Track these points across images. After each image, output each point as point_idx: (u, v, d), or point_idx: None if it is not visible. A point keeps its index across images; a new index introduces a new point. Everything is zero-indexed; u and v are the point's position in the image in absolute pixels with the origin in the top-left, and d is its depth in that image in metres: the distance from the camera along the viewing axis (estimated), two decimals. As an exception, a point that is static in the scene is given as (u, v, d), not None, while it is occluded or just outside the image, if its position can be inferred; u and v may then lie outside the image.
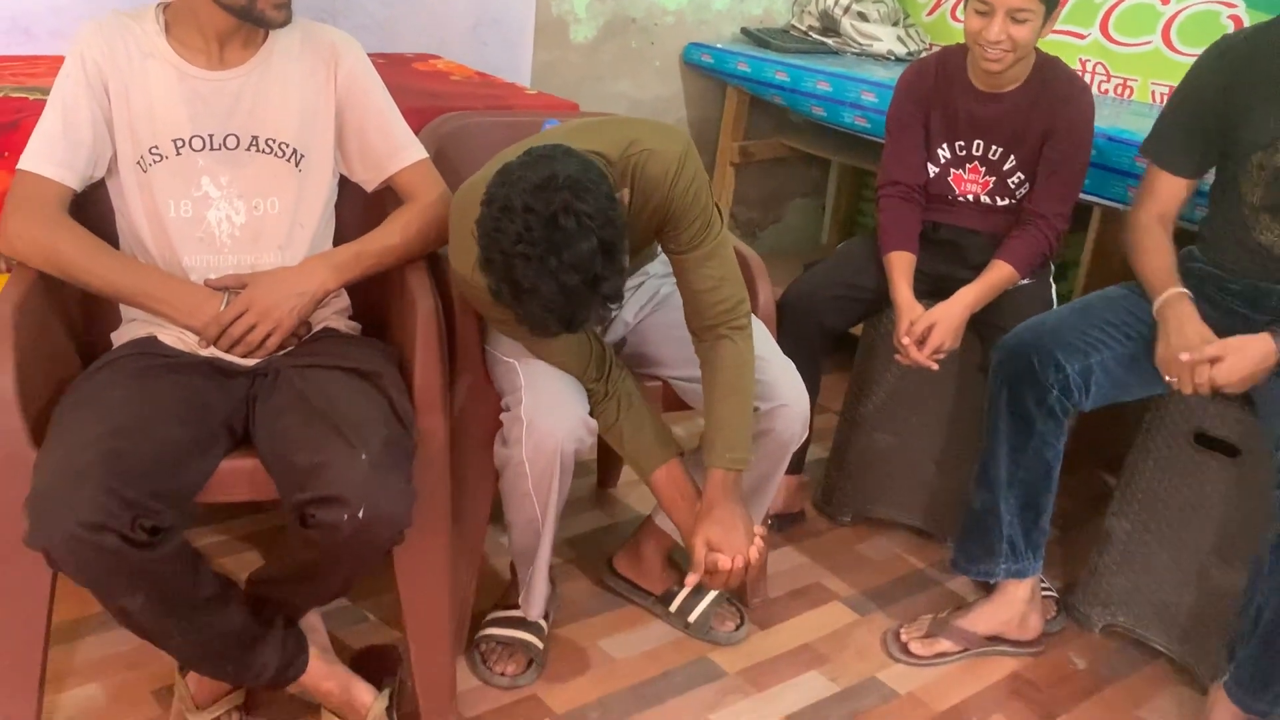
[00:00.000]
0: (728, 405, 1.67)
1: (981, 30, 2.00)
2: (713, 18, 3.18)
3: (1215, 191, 1.98)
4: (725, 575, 1.62)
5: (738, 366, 1.68)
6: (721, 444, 1.66)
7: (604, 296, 1.37)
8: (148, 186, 1.61)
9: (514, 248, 1.32)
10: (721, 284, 1.65)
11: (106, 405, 1.44)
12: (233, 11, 1.58)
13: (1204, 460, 1.92)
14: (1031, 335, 1.90)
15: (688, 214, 1.60)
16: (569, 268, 1.32)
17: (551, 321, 1.38)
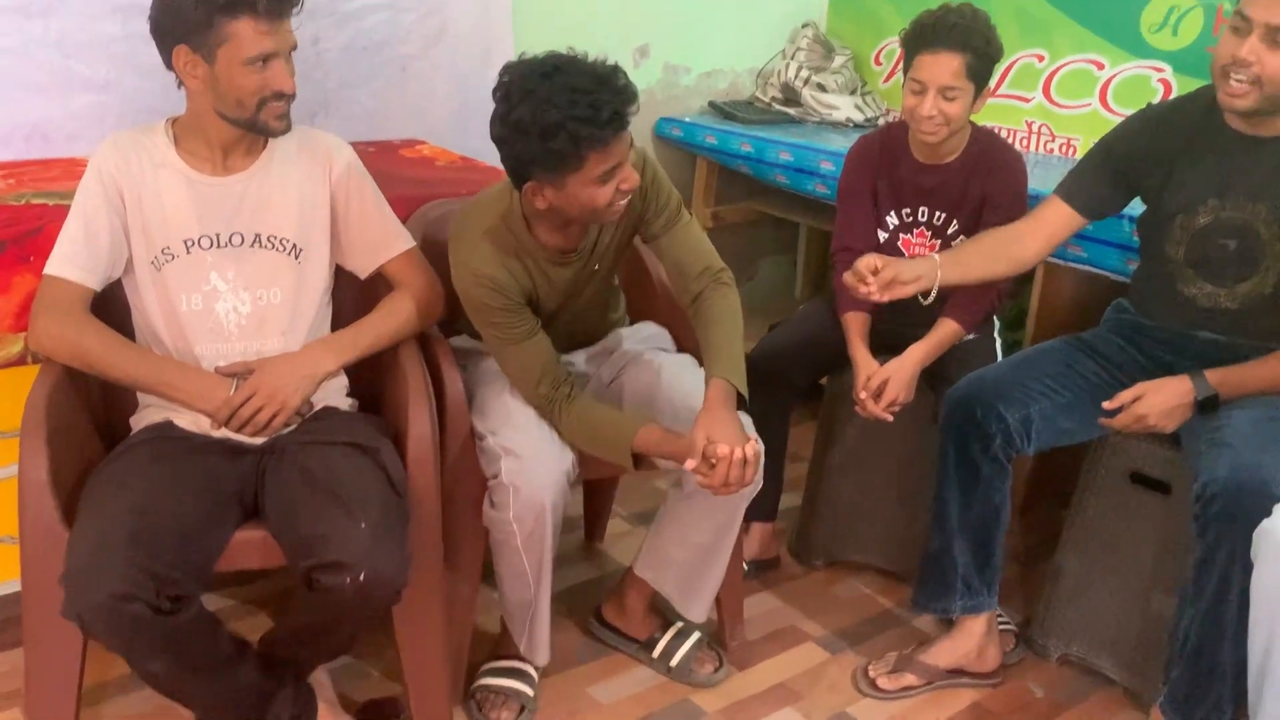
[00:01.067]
0: (723, 334, 1.88)
1: (916, 107, 2.18)
2: (681, 93, 3.38)
3: (1144, 248, 2.15)
4: (725, 469, 1.73)
5: (730, 310, 1.91)
6: (720, 363, 1.85)
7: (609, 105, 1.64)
8: (161, 283, 1.78)
9: (530, 73, 1.67)
10: (700, 249, 1.95)
11: (130, 486, 1.60)
12: (238, 124, 1.76)
13: (1140, 497, 2.08)
14: (974, 388, 2.06)
15: (659, 197, 1.90)
16: (575, 74, 1.65)
17: (565, 126, 1.62)
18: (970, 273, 2.05)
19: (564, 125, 1.63)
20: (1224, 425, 1.85)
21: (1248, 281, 1.96)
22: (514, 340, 1.87)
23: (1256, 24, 1.76)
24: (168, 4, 1.69)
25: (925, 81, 2.15)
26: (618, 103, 1.66)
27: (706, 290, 1.92)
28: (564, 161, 1.67)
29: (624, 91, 1.68)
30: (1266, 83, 1.78)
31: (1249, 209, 1.92)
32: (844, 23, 3.52)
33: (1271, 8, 1.74)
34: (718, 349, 1.87)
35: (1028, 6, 3.04)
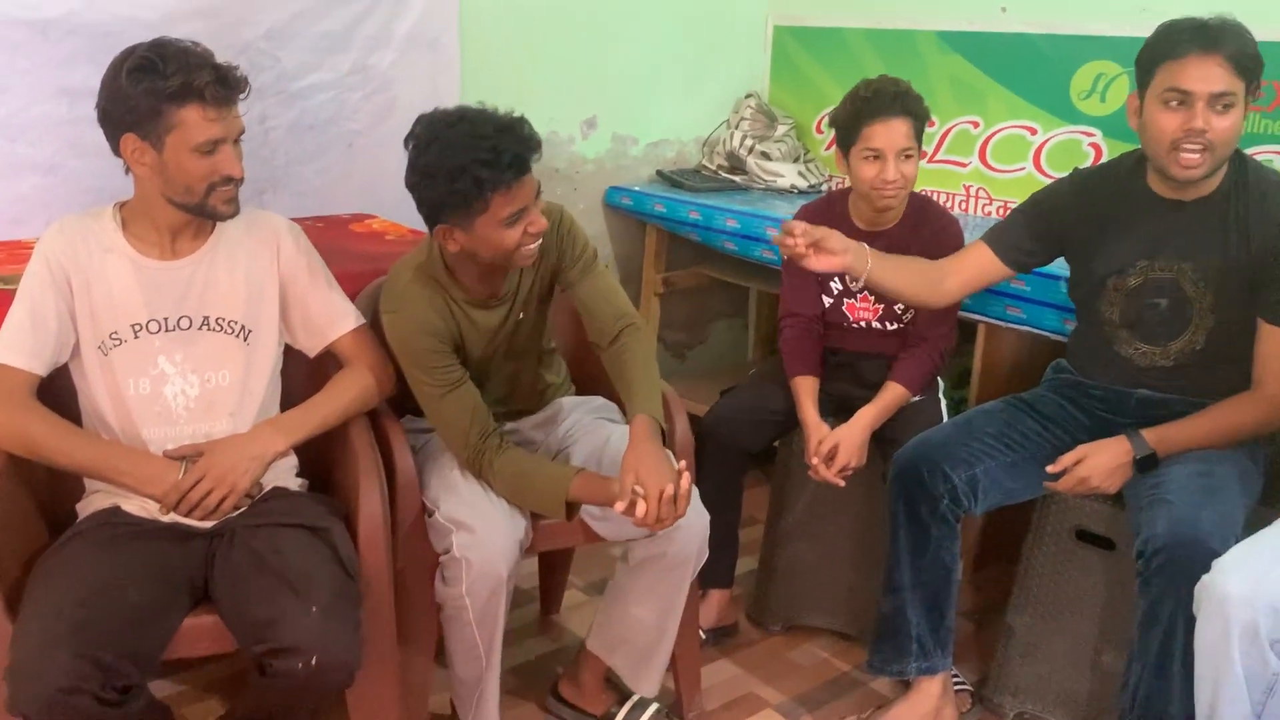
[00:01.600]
0: (640, 373, 1.94)
1: (878, 174, 2.24)
2: (630, 163, 3.43)
3: (1079, 310, 2.21)
4: (655, 506, 1.75)
5: (644, 352, 1.99)
6: (639, 399, 1.90)
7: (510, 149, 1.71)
8: (109, 368, 1.78)
9: (436, 122, 1.77)
10: (614, 297, 2.03)
11: (76, 575, 1.58)
12: (186, 209, 1.77)
13: (1086, 554, 2.11)
14: (921, 450, 2.10)
15: (574, 246, 2.00)
16: (478, 123, 1.74)
17: (469, 170, 1.70)
18: (892, 279, 2.11)
19: (467, 168, 1.71)
20: (1162, 482, 1.90)
21: (1180, 339, 2.02)
22: (446, 388, 1.89)
23: (1197, 96, 1.84)
24: (115, 92, 1.70)
25: (883, 148, 2.22)
26: (519, 147, 1.74)
27: (622, 334, 1.99)
28: (469, 203, 1.75)
29: (526, 139, 1.76)
30: (1218, 146, 1.86)
31: (1176, 269, 1.99)
32: (785, 93, 3.61)
33: (1209, 80, 1.83)
34: (636, 386, 1.93)
35: (962, 75, 3.14)
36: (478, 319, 1.95)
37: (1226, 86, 1.83)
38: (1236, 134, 1.88)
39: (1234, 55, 1.82)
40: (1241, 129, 1.89)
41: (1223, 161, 1.91)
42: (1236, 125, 1.86)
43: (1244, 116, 1.88)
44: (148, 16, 2.40)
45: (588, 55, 3.24)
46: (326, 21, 2.69)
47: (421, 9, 2.86)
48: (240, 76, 1.76)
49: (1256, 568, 1.63)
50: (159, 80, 1.66)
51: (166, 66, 1.67)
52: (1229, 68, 1.82)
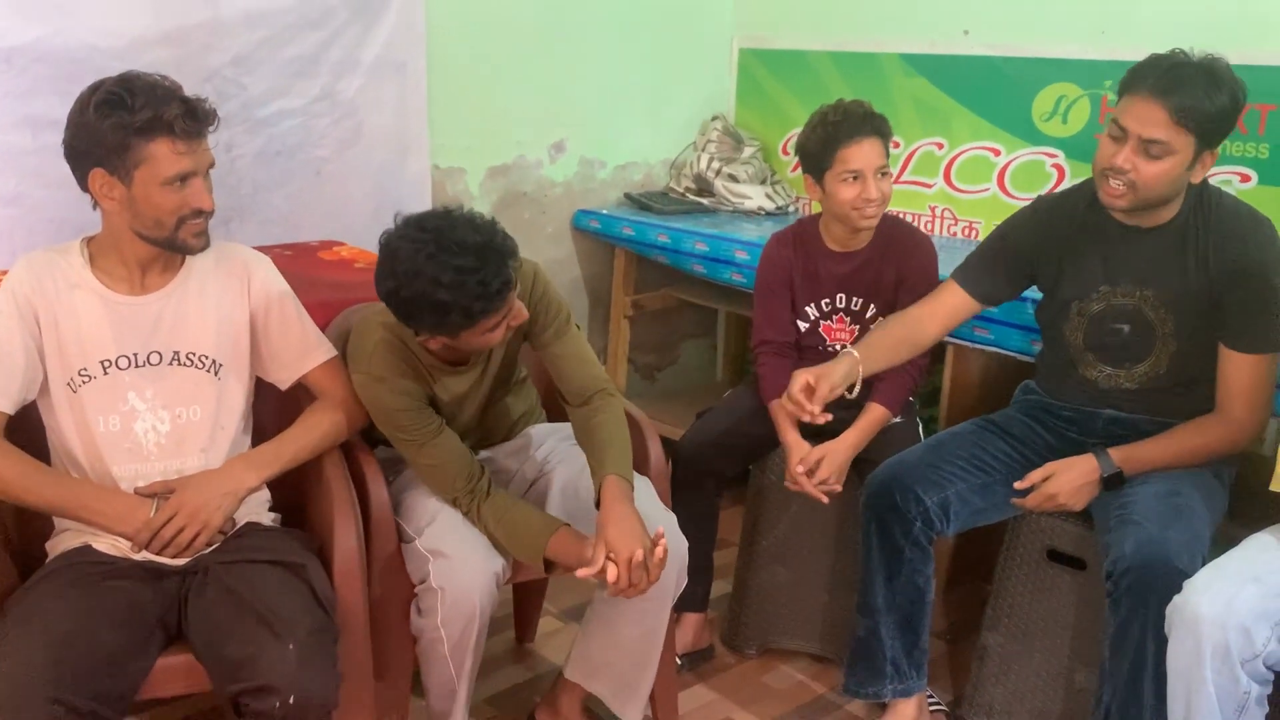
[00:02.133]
0: (609, 435, 1.93)
1: (859, 194, 2.25)
2: (598, 186, 3.44)
3: (1045, 333, 2.24)
4: (626, 573, 1.75)
5: (617, 418, 1.97)
6: (611, 460, 1.88)
7: (497, 276, 1.68)
8: (78, 404, 1.76)
9: (414, 253, 1.68)
10: (588, 359, 2.01)
11: (48, 617, 1.56)
12: (156, 243, 1.75)
13: (1057, 574, 2.14)
14: (893, 473, 2.11)
15: (547, 310, 1.96)
16: (458, 251, 1.65)
17: (457, 304, 1.67)
18: (880, 362, 2.14)
19: (456, 305, 1.69)
20: (1130, 502, 1.93)
21: (1143, 363, 2.05)
22: (423, 440, 1.89)
23: (1131, 135, 1.87)
24: (82, 127, 1.69)
25: (862, 168, 2.24)
26: (505, 273, 1.71)
27: (594, 399, 1.98)
28: (458, 328, 1.75)
29: (505, 261, 1.71)
30: (1141, 187, 1.90)
31: (1137, 295, 2.03)
32: (751, 115, 3.63)
33: (1145, 123, 1.85)
34: (608, 447, 1.91)
35: (926, 97, 3.17)
36: (448, 384, 1.95)
37: (1162, 135, 1.83)
38: (1164, 181, 1.88)
39: (1181, 108, 1.82)
40: (1174, 178, 1.88)
41: (1149, 202, 1.92)
42: (1166, 173, 1.86)
43: (1182, 168, 1.86)
44: (113, 45, 2.38)
45: (555, 79, 3.25)
46: (293, 47, 2.68)
47: (388, 34, 2.85)
48: (209, 109, 1.75)
49: (1227, 588, 1.65)
50: (126, 114, 1.65)
51: (134, 100, 1.66)
52: (1168, 117, 1.82)
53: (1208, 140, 1.86)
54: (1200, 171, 1.91)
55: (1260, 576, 1.67)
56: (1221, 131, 1.87)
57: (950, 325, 2.21)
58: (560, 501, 2.03)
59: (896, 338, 2.16)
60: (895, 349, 2.15)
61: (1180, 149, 1.85)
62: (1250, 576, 1.67)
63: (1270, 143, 2.58)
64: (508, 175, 3.21)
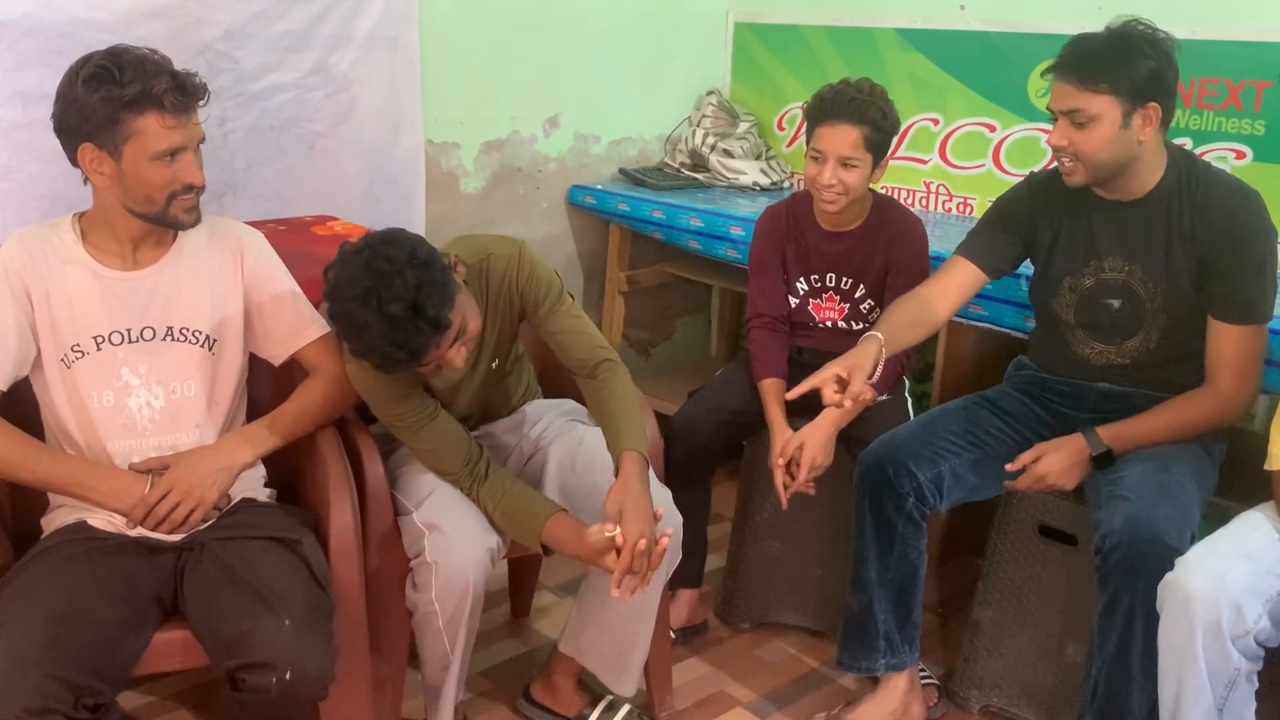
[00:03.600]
0: (624, 407, 1.92)
1: (817, 175, 2.25)
2: (592, 161, 3.43)
3: (1037, 309, 2.25)
4: (628, 556, 1.74)
5: (625, 385, 1.96)
6: (628, 435, 1.88)
7: (431, 321, 1.63)
8: (71, 381, 1.75)
9: (346, 296, 1.63)
10: (586, 330, 1.98)
11: (44, 593, 1.56)
12: (146, 218, 1.75)
13: (1049, 550, 2.15)
14: (886, 449, 2.12)
15: (535, 291, 1.93)
16: (391, 299, 1.60)
17: (393, 351, 1.64)
18: (899, 344, 2.11)
19: (379, 352, 1.67)
20: (1120, 478, 1.94)
21: (1134, 338, 2.06)
22: (420, 424, 1.89)
23: (1058, 113, 1.94)
24: (70, 102, 1.68)
25: (825, 151, 2.23)
26: (430, 333, 1.66)
27: (600, 369, 1.97)
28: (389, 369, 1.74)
29: (439, 312, 1.65)
30: (1085, 158, 1.93)
31: (1125, 269, 2.03)
32: (746, 90, 3.62)
33: (1062, 97, 1.93)
34: (623, 421, 1.91)
35: (921, 72, 3.16)
36: (446, 372, 1.93)
37: (1078, 104, 1.90)
38: (1103, 145, 1.91)
39: (1083, 74, 1.89)
40: (1111, 140, 1.91)
41: (1104, 169, 1.95)
42: (1101, 138, 1.90)
43: (1115, 129, 1.90)
44: (104, 19, 2.36)
45: (549, 54, 3.23)
46: (285, 21, 2.66)
47: (382, 7, 2.82)
48: (200, 83, 1.73)
49: (1219, 566, 1.66)
50: (115, 88, 1.64)
51: (123, 74, 1.64)
52: (1075, 86, 1.90)
53: (1133, 98, 1.89)
54: (1145, 129, 1.92)
55: (1252, 554, 1.68)
56: (1143, 87, 1.89)
57: (961, 300, 2.20)
58: (557, 476, 2.04)
59: (910, 319, 2.14)
60: (910, 330, 2.14)
61: (1102, 111, 1.89)
62: (1242, 554, 1.68)
63: (1266, 119, 2.58)
64: (502, 150, 3.20)
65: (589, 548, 1.78)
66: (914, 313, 2.17)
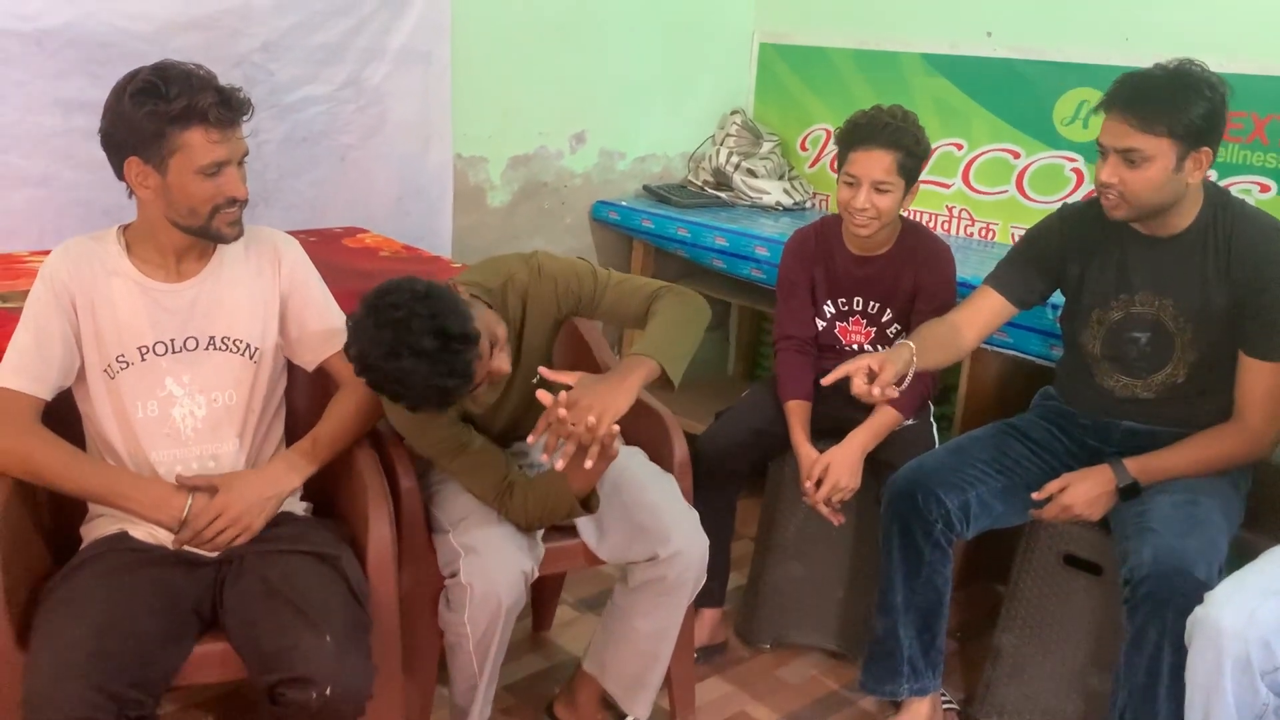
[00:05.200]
0: (659, 319, 1.90)
1: (850, 200, 2.28)
2: (617, 177, 3.46)
3: (1065, 339, 2.26)
4: (568, 424, 1.73)
5: (671, 306, 1.93)
6: (642, 339, 1.86)
7: (462, 339, 1.65)
8: (116, 391, 1.77)
9: (377, 359, 1.64)
10: (631, 287, 1.97)
11: (87, 604, 1.58)
12: (190, 231, 1.76)
13: (1074, 578, 2.16)
14: (915, 475, 2.14)
15: (569, 291, 1.95)
16: (418, 338, 1.62)
17: (443, 382, 1.65)
18: (928, 360, 2.11)
19: (448, 389, 1.68)
20: (1147, 510, 1.95)
21: (1161, 372, 2.07)
22: (459, 451, 1.91)
23: (1111, 150, 1.94)
24: (118, 116, 1.69)
25: (859, 176, 2.25)
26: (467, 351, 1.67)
27: (654, 301, 1.95)
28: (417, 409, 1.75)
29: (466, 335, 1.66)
30: (1131, 196, 1.94)
31: (1156, 304, 2.05)
32: (770, 110, 3.65)
33: (1118, 137, 1.92)
34: (647, 331, 1.89)
35: (947, 98, 3.19)
36: (479, 395, 1.93)
37: (1135, 144, 1.89)
38: (1153, 187, 1.91)
39: (1146, 115, 1.87)
40: (1162, 183, 1.91)
41: (1147, 208, 1.95)
42: (1152, 180, 1.90)
43: (1168, 172, 1.90)
44: (144, 29, 2.39)
45: (576, 70, 3.26)
46: (321, 34, 2.69)
47: (415, 22, 2.86)
48: (244, 98, 1.75)
49: (1249, 601, 1.67)
50: (162, 103, 1.66)
51: (169, 89, 1.66)
52: (1136, 126, 1.88)
53: (1189, 141, 1.89)
54: (1195, 171, 1.93)
55: (1282, 590, 1.70)
56: (1200, 131, 1.89)
57: (988, 330, 2.21)
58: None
59: (939, 341, 2.15)
60: (939, 350, 2.15)
61: (1157, 153, 1.89)
62: (1271, 590, 1.69)
63: (1291, 154, 2.60)
64: (529, 165, 3.23)
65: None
66: (943, 335, 2.18)
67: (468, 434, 1.92)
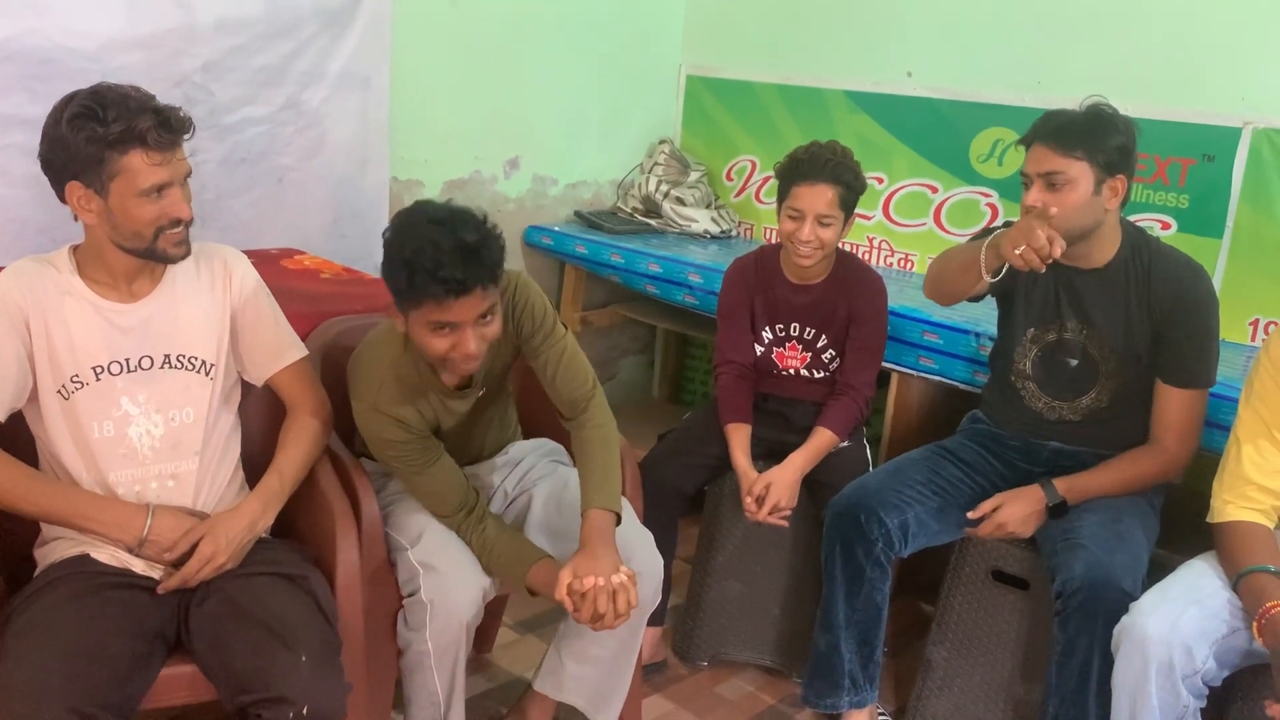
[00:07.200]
0: (600, 460, 1.97)
1: (795, 231, 2.37)
2: (549, 203, 3.51)
3: (993, 359, 2.39)
4: (592, 601, 1.79)
5: (604, 428, 2.03)
6: (596, 491, 1.93)
7: (490, 263, 1.73)
8: (70, 411, 1.75)
9: (422, 221, 1.73)
10: (575, 365, 2.03)
11: (58, 627, 1.56)
12: (136, 253, 1.75)
13: (1002, 593, 2.28)
14: (857, 496, 2.23)
15: (531, 320, 1.97)
16: (466, 230, 1.71)
17: (452, 270, 1.68)
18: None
19: (409, 264, 1.71)
20: (1075, 527, 2.08)
21: (1086, 396, 2.21)
22: (421, 468, 1.93)
23: (1035, 175, 2.07)
24: (56, 140, 1.67)
25: (803, 210, 2.35)
26: (461, 272, 1.69)
27: (583, 418, 2.03)
28: (406, 299, 1.76)
29: (476, 265, 1.71)
30: (1055, 221, 2.02)
31: (1083, 333, 2.18)
32: (696, 140, 3.75)
33: (1040, 161, 2.06)
34: (594, 474, 1.96)
35: (869, 134, 3.32)
36: (452, 406, 1.97)
37: (1057, 166, 2.03)
38: (1075, 209, 2.04)
39: (1065, 141, 2.02)
40: (1082, 204, 2.04)
41: (1069, 234, 2.03)
42: (1074, 202, 2.03)
43: (1088, 195, 2.03)
44: (86, 46, 2.36)
45: (511, 97, 3.31)
46: (263, 56, 2.68)
47: (355, 46, 2.87)
48: (184, 117, 1.74)
49: (1171, 610, 1.80)
50: (99, 127, 1.64)
51: (107, 113, 1.65)
52: (1057, 151, 2.03)
53: (1105, 168, 2.04)
54: (1112, 199, 2.07)
55: (1201, 600, 1.82)
56: (1114, 161, 2.04)
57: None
58: (542, 516, 2.09)
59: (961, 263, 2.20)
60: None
61: (1078, 176, 2.03)
62: (1192, 599, 1.82)
63: (1190, 194, 2.80)
64: (464, 189, 3.26)
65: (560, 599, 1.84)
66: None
67: (435, 452, 1.94)
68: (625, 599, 1.82)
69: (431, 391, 1.94)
